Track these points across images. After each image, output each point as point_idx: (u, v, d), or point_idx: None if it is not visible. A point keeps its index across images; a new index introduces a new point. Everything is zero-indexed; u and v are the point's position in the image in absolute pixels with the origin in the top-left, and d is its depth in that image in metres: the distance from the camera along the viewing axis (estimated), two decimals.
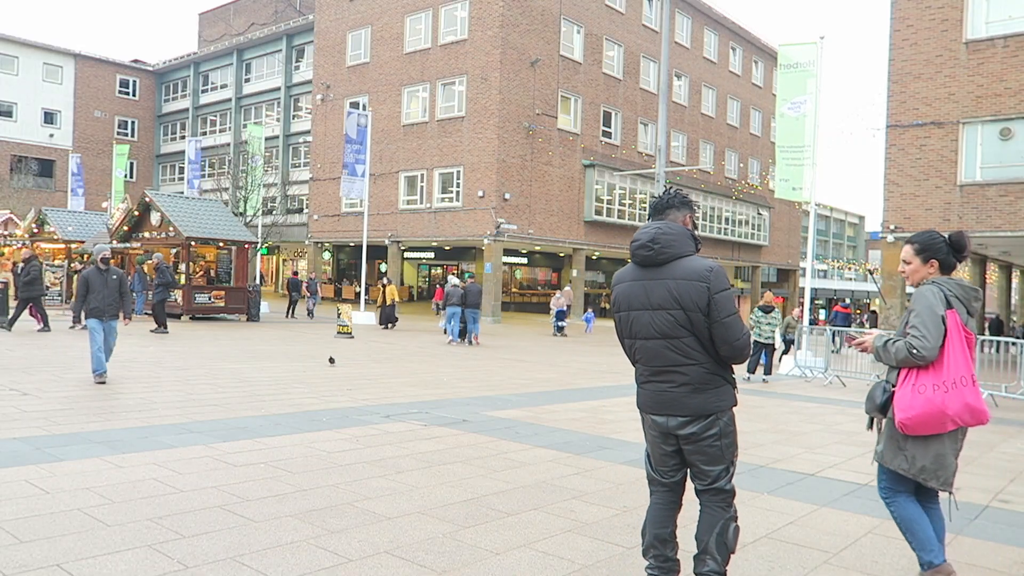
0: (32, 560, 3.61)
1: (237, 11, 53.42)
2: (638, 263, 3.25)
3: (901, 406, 3.41)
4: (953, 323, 3.38)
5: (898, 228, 20.43)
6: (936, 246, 3.55)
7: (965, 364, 3.37)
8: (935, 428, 3.38)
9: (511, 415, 8.47)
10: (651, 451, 3.33)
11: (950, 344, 3.36)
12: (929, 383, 3.37)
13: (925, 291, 3.47)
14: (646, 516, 3.37)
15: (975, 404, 3.35)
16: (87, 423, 6.85)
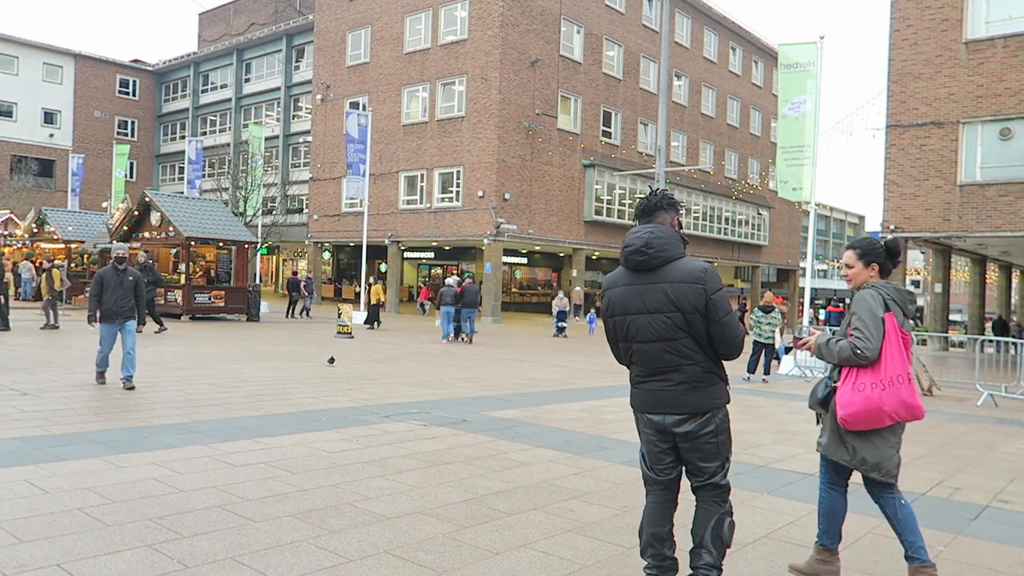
0: (32, 560, 3.61)
1: (237, 11, 53.41)
2: (632, 268, 3.26)
3: (842, 403, 3.59)
4: (891, 325, 3.57)
5: (898, 228, 20.43)
6: (877, 251, 3.75)
7: (902, 363, 3.55)
8: (874, 423, 3.59)
9: (511, 415, 8.47)
10: (646, 450, 3.35)
11: (888, 344, 3.54)
12: (868, 381, 3.55)
13: (865, 295, 3.64)
14: (643, 516, 3.38)
15: (911, 401, 3.56)
16: (87, 423, 6.85)
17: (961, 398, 12.33)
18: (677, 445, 3.26)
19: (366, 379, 11.11)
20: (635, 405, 3.33)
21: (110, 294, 8.94)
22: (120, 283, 9.01)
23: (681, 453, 3.27)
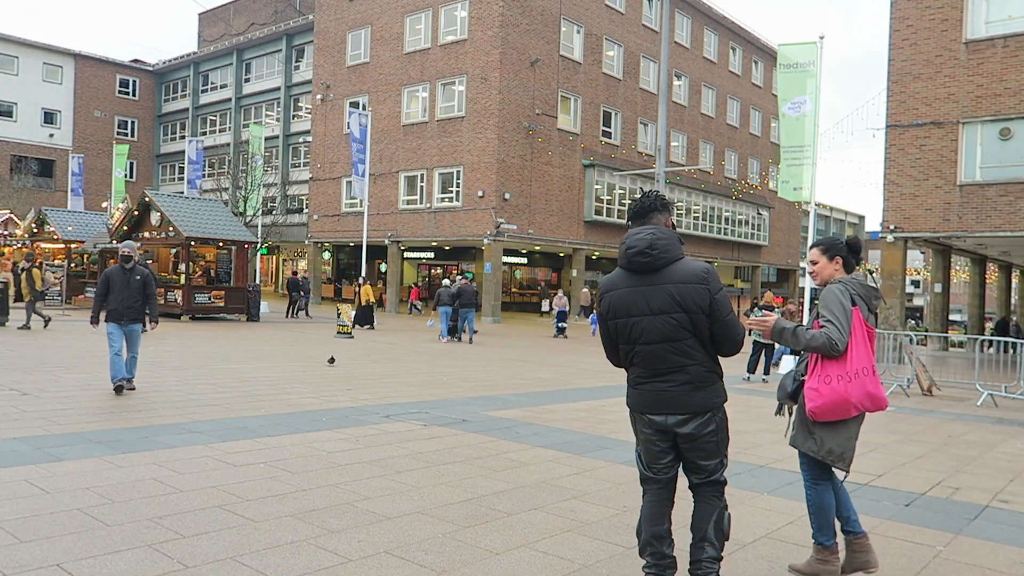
0: (32, 560, 3.61)
1: (237, 11, 53.42)
2: (633, 270, 3.26)
3: (811, 396, 3.68)
4: (857, 319, 3.68)
5: (898, 228, 20.43)
6: (839, 246, 3.89)
7: (867, 356, 3.67)
8: (841, 414, 3.68)
9: (511, 415, 8.47)
10: (644, 450, 3.35)
11: (854, 338, 3.65)
12: (835, 374, 3.63)
13: (834, 289, 3.75)
14: (641, 515, 3.38)
15: (875, 392, 3.67)
16: (87, 423, 6.86)
17: (961, 398, 12.33)
18: (676, 444, 3.27)
19: (366, 379, 11.11)
20: (635, 406, 3.32)
21: (116, 294, 8.57)
22: (127, 283, 8.60)
23: (682, 452, 3.29)
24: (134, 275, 8.67)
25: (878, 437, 8.30)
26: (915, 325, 39.58)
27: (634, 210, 3.35)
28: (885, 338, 15.27)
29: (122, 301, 8.57)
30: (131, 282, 8.63)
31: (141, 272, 8.76)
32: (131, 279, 8.64)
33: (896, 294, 20.70)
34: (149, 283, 8.80)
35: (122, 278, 8.62)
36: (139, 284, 8.67)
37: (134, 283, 8.64)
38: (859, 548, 3.87)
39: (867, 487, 5.89)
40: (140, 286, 8.67)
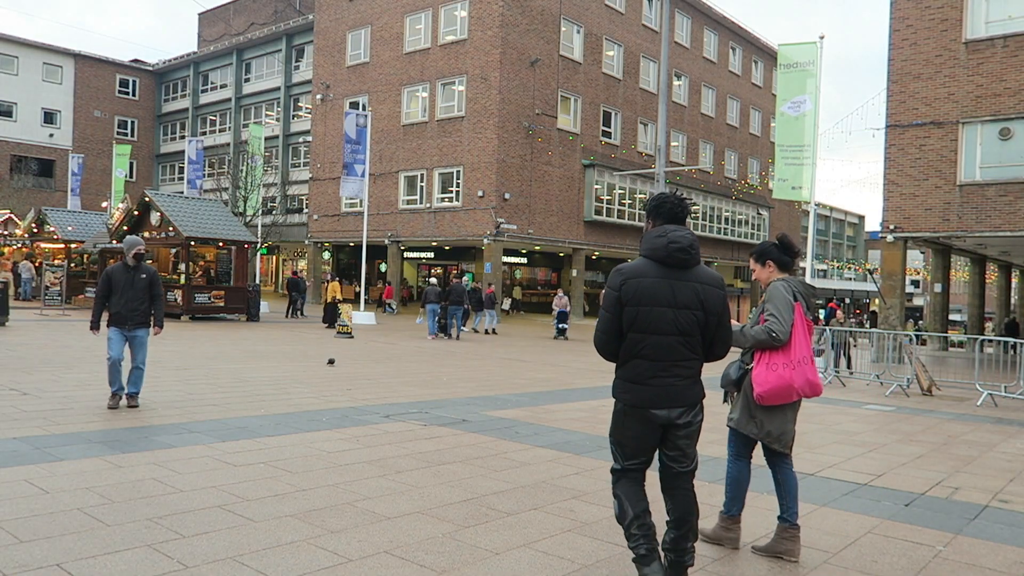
0: (32, 560, 3.61)
1: (237, 11, 53.41)
2: (672, 264, 3.39)
3: (758, 381, 4.05)
4: (798, 313, 4.07)
5: (898, 228, 20.43)
6: (764, 249, 4.29)
7: (806, 346, 4.06)
8: (784, 399, 4.07)
9: (511, 415, 8.48)
10: (635, 444, 3.49)
11: (796, 330, 4.04)
12: (780, 362, 4.03)
13: (778, 286, 4.16)
14: (623, 500, 3.49)
15: (813, 379, 4.07)
16: (87, 423, 6.85)
17: (961, 398, 12.33)
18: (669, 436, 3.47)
19: (366, 379, 11.11)
20: (638, 403, 3.41)
21: (120, 295, 7.68)
22: (132, 283, 7.73)
23: (673, 443, 3.48)
24: (139, 274, 7.79)
25: (878, 437, 8.30)
26: (919, 325, 39.55)
27: (673, 213, 3.48)
28: (885, 338, 15.27)
29: (126, 303, 7.67)
30: (136, 282, 7.75)
31: (147, 271, 7.89)
32: (136, 279, 7.76)
33: (896, 294, 20.70)
34: (156, 283, 7.92)
35: (126, 277, 7.75)
36: (145, 284, 7.80)
37: (139, 283, 7.76)
38: (788, 536, 4.17)
39: (867, 487, 5.89)
40: (146, 286, 7.80)
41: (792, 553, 4.13)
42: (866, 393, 12.62)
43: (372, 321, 25.23)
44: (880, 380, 13.72)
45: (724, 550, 4.28)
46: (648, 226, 3.53)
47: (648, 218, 3.55)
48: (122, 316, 7.70)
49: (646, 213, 3.58)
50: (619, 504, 3.51)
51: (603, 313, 3.46)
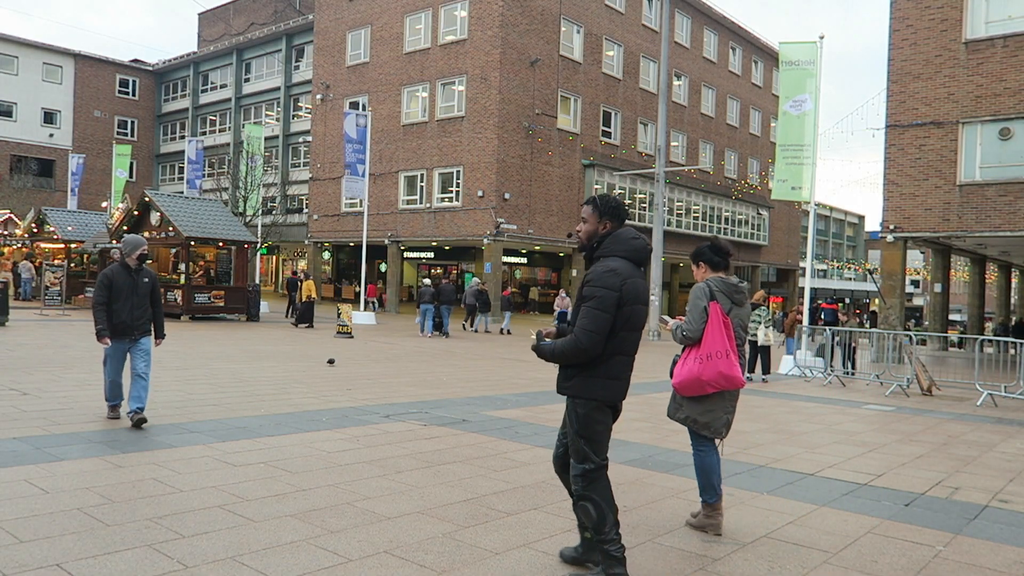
0: (32, 560, 3.61)
1: (237, 11, 53.41)
2: (639, 262, 3.63)
3: (675, 374, 4.50)
4: (715, 311, 4.36)
5: (898, 228, 20.43)
6: (698, 252, 4.65)
7: (721, 341, 4.31)
8: (696, 391, 4.39)
9: (511, 415, 8.48)
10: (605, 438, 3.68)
11: (710, 326, 4.33)
12: (692, 356, 4.38)
13: (695, 289, 4.52)
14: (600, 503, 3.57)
15: (728, 372, 4.30)
16: (87, 423, 6.85)
17: (960, 398, 12.34)
18: None
19: (366, 379, 11.12)
20: (615, 397, 3.60)
21: (123, 302, 6.79)
22: (134, 288, 6.87)
23: None
24: (141, 277, 6.95)
25: (878, 437, 8.30)
26: (923, 326, 39.53)
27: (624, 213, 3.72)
28: (885, 338, 15.28)
29: (131, 311, 6.82)
30: (140, 286, 6.90)
31: (150, 274, 7.11)
32: (139, 283, 6.91)
33: (896, 294, 20.70)
34: (156, 287, 7.15)
35: (128, 282, 6.85)
36: (148, 289, 7.01)
37: (143, 288, 6.94)
38: (709, 512, 4.54)
39: (867, 487, 5.90)
40: (149, 291, 7.02)
41: (715, 528, 4.51)
42: (866, 393, 12.62)
43: (372, 321, 25.24)
44: (880, 380, 13.72)
45: (724, 550, 4.29)
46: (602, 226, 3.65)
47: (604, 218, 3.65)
48: (126, 326, 6.81)
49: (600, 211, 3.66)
50: (596, 508, 3.55)
51: (602, 315, 3.45)
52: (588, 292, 3.50)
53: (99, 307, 6.79)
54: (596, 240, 3.66)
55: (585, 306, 3.49)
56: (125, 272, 6.90)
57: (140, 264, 7.00)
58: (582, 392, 3.56)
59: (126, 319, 6.81)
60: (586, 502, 3.57)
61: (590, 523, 3.56)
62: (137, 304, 6.88)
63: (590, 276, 3.55)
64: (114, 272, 6.88)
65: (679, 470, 6.16)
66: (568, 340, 3.50)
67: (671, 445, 7.21)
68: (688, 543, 4.37)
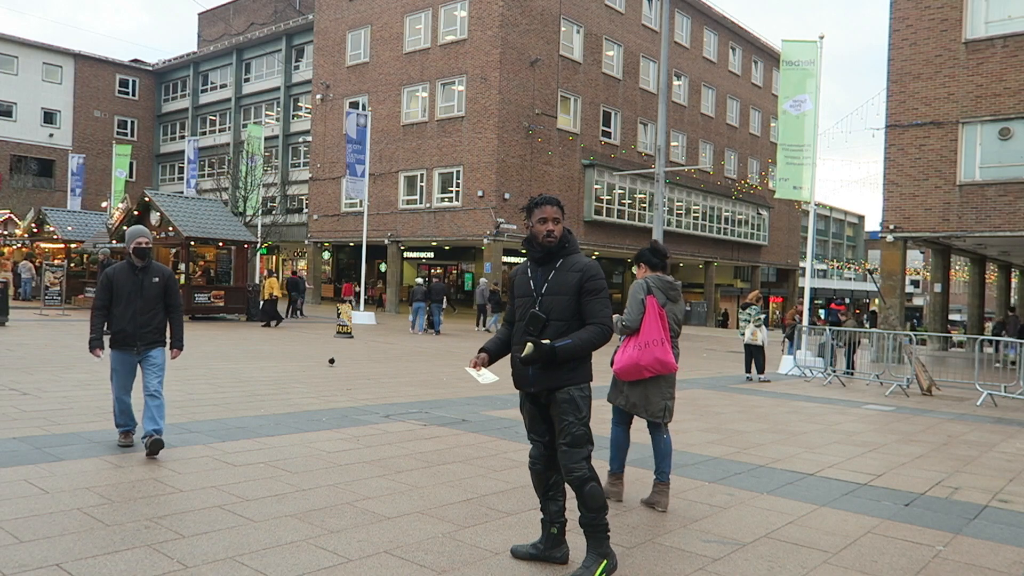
0: (32, 560, 3.61)
1: (237, 11, 53.39)
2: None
3: (616, 360, 4.95)
4: (652, 304, 4.86)
5: (898, 228, 20.43)
6: (640, 254, 5.20)
7: (657, 331, 4.80)
8: (635, 375, 4.88)
9: (511, 415, 8.47)
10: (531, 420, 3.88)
11: (647, 318, 4.83)
12: (632, 344, 4.86)
13: (635, 284, 5.04)
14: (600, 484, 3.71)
15: (663, 358, 4.80)
16: (87, 423, 6.85)
17: (960, 398, 12.34)
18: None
19: (366, 379, 11.12)
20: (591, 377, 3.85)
21: (124, 306, 5.77)
22: (139, 288, 5.82)
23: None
24: (150, 276, 5.89)
25: (878, 437, 8.30)
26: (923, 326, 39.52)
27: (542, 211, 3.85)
28: (885, 338, 15.28)
29: (134, 317, 5.78)
30: (146, 287, 5.85)
31: (160, 272, 5.97)
32: (146, 283, 5.86)
33: (896, 294, 20.70)
34: (173, 289, 6.03)
35: (132, 281, 5.83)
36: (158, 290, 5.91)
37: (150, 289, 5.86)
38: (659, 491, 5.03)
39: (867, 487, 5.90)
40: (159, 293, 5.92)
41: (661, 504, 4.98)
42: (866, 393, 12.62)
43: (372, 321, 25.23)
44: (880, 380, 13.72)
45: (724, 550, 4.29)
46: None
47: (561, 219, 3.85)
48: (128, 335, 5.77)
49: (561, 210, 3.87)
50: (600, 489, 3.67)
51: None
52: (597, 285, 3.67)
53: (96, 312, 5.85)
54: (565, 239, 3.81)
55: (599, 298, 3.66)
56: (129, 271, 5.85)
57: (147, 261, 5.90)
58: (586, 378, 3.70)
59: (127, 327, 5.75)
60: (595, 483, 3.63)
61: (597, 505, 3.60)
62: (143, 309, 5.80)
63: (590, 272, 3.68)
64: (116, 271, 5.89)
65: (679, 470, 6.16)
66: (594, 330, 3.61)
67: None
68: (688, 543, 4.38)
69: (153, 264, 5.96)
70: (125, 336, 5.79)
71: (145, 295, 5.84)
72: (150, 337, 5.88)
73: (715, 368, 16.16)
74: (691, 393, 11.44)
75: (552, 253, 3.75)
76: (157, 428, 5.73)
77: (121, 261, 5.99)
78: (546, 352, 3.55)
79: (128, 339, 5.79)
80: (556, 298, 3.66)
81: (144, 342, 5.85)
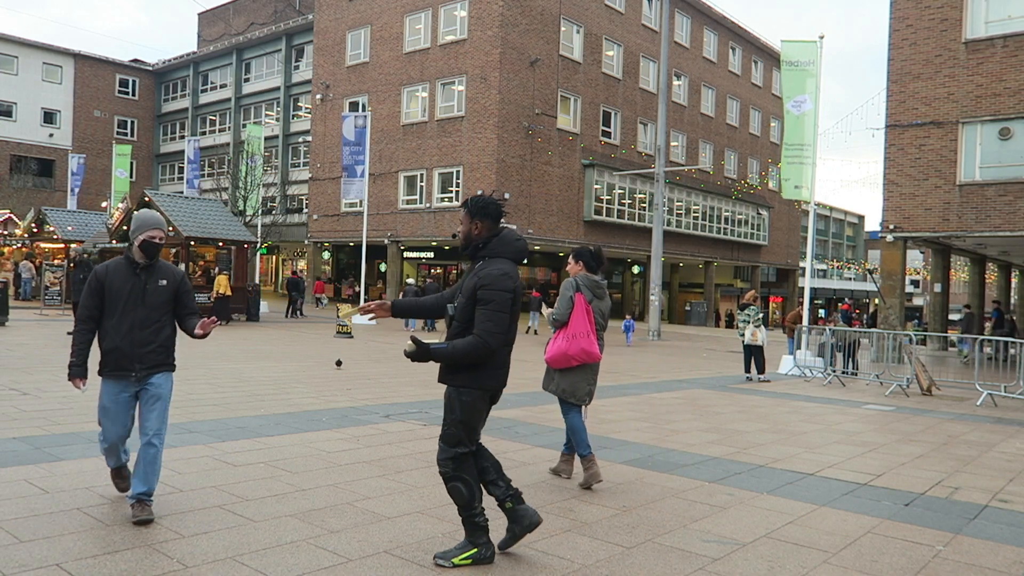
0: (32, 560, 3.61)
1: (237, 11, 53.40)
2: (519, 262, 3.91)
3: (547, 350, 5.50)
4: (580, 300, 5.40)
5: (898, 228, 20.43)
6: (580, 252, 5.65)
7: (583, 324, 5.37)
8: (564, 364, 5.42)
9: (511, 415, 8.47)
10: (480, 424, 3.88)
11: (575, 313, 5.38)
12: (561, 336, 5.42)
13: (566, 282, 5.53)
14: (471, 482, 3.78)
15: (588, 348, 5.35)
16: (87, 423, 6.85)
17: (960, 398, 12.34)
18: None
19: (366, 379, 11.12)
20: (499, 385, 3.92)
21: (120, 317, 4.28)
22: (140, 294, 4.31)
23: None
24: (155, 279, 4.37)
25: (878, 437, 8.31)
26: (918, 325, 39.51)
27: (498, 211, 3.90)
28: (885, 338, 15.28)
29: (131, 331, 4.27)
30: (149, 292, 4.34)
31: (168, 273, 4.45)
32: (149, 286, 4.34)
33: (896, 294, 20.70)
34: (185, 293, 4.47)
35: (130, 284, 4.32)
36: (166, 297, 4.39)
37: (155, 294, 4.35)
38: (564, 460, 5.76)
39: (867, 487, 5.90)
40: (167, 300, 4.39)
41: (567, 472, 5.69)
42: (866, 393, 12.62)
43: (372, 321, 25.19)
44: (880, 380, 13.72)
45: (724, 550, 4.29)
46: (475, 227, 3.85)
47: (475, 219, 3.85)
48: (124, 356, 4.24)
49: (471, 212, 3.86)
50: (466, 487, 3.78)
51: (503, 316, 3.72)
52: (487, 295, 3.69)
53: (80, 326, 4.33)
54: (480, 241, 3.85)
55: (487, 309, 3.69)
56: (127, 270, 4.31)
57: (152, 259, 4.33)
58: (471, 383, 3.80)
59: (123, 344, 4.22)
60: (459, 483, 3.79)
61: (463, 501, 3.78)
62: (144, 321, 4.26)
63: (485, 280, 3.72)
64: (109, 271, 4.32)
65: (679, 470, 6.16)
66: (471, 341, 3.68)
67: (671, 445, 7.21)
68: (688, 543, 4.38)
69: (160, 263, 4.40)
70: (120, 357, 4.21)
71: (148, 302, 4.28)
72: (153, 358, 4.29)
73: (715, 368, 16.17)
74: (691, 393, 11.44)
75: (473, 254, 3.90)
76: (147, 490, 4.22)
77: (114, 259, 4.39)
78: (422, 351, 3.67)
79: (124, 361, 4.21)
80: (461, 299, 3.81)
81: (145, 365, 4.25)
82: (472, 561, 3.80)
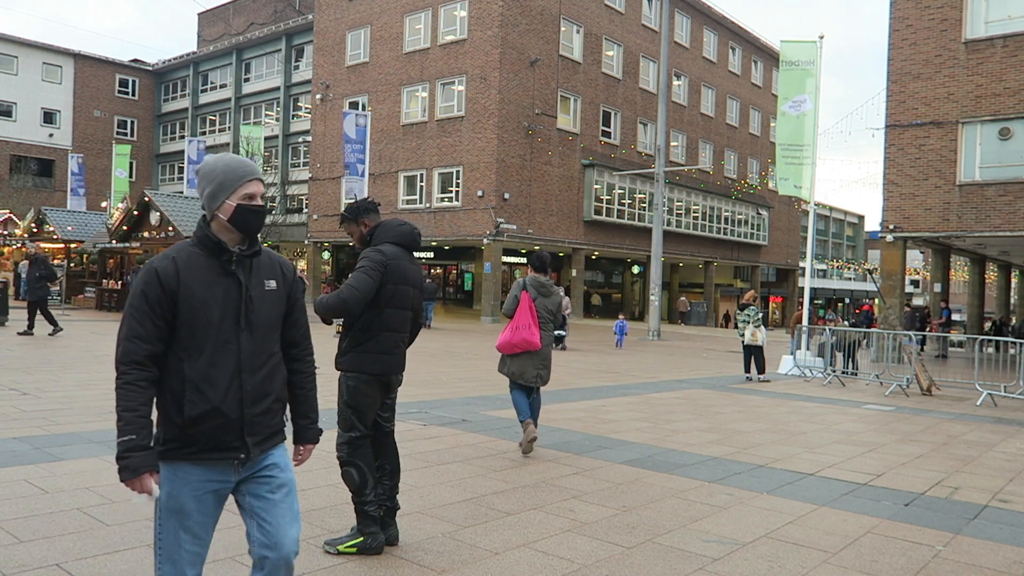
0: (32, 560, 3.61)
1: (236, 11, 53.39)
2: (407, 246, 4.05)
3: (499, 338, 6.39)
4: (524, 297, 6.33)
5: (897, 228, 20.43)
6: (529, 258, 6.66)
7: (525, 317, 6.28)
8: (509, 350, 6.36)
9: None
10: (370, 410, 3.95)
11: (520, 309, 6.30)
12: (509, 327, 6.34)
13: (515, 282, 6.52)
14: (363, 468, 3.88)
15: (528, 338, 6.26)
16: (87, 423, 6.85)
17: (960, 398, 12.34)
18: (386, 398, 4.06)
19: None
20: (383, 371, 3.93)
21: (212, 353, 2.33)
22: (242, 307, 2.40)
23: (387, 404, 4.08)
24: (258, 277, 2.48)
25: (878, 437, 8.31)
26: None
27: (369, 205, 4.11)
28: (885, 338, 15.28)
29: (235, 380, 2.36)
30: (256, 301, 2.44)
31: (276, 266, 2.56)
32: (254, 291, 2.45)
33: (895, 294, 20.70)
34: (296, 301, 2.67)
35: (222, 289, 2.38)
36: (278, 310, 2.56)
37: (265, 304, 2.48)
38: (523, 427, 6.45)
39: (867, 487, 5.90)
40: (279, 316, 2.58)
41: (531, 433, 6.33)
42: (866, 393, 12.63)
43: None
44: (880, 380, 13.72)
45: (724, 550, 4.29)
46: (362, 227, 4.05)
47: (355, 222, 4.06)
48: (226, 424, 2.34)
49: (348, 220, 4.09)
50: (359, 473, 3.88)
51: (365, 278, 3.81)
52: (357, 264, 3.93)
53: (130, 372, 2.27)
54: (367, 236, 4.06)
55: (354, 272, 3.90)
56: (212, 264, 2.40)
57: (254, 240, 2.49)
58: (354, 367, 3.91)
59: (225, 403, 2.35)
60: (351, 468, 3.89)
61: (353, 487, 3.89)
62: (252, 355, 2.43)
63: (361, 257, 3.98)
64: (181, 266, 2.36)
65: (679, 470, 6.16)
66: (333, 293, 3.87)
67: (671, 445, 7.21)
68: (688, 543, 4.38)
69: (264, 253, 2.54)
70: (219, 428, 2.34)
71: (256, 322, 2.45)
72: (268, 423, 2.48)
73: (715, 368, 16.17)
74: (691, 393, 11.44)
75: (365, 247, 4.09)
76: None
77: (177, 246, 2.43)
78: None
79: (225, 434, 2.36)
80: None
81: (258, 437, 2.43)
82: (358, 550, 3.86)
